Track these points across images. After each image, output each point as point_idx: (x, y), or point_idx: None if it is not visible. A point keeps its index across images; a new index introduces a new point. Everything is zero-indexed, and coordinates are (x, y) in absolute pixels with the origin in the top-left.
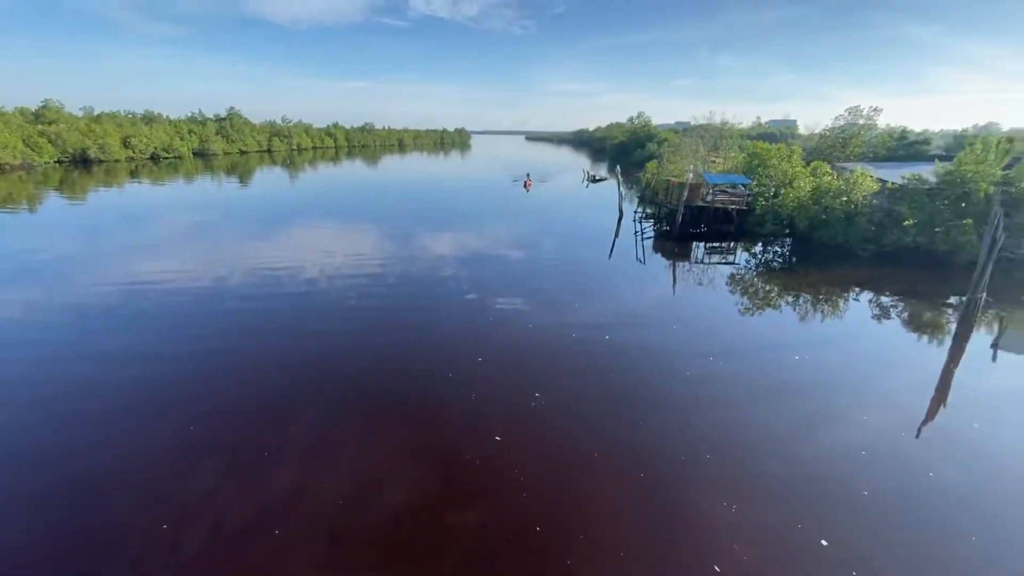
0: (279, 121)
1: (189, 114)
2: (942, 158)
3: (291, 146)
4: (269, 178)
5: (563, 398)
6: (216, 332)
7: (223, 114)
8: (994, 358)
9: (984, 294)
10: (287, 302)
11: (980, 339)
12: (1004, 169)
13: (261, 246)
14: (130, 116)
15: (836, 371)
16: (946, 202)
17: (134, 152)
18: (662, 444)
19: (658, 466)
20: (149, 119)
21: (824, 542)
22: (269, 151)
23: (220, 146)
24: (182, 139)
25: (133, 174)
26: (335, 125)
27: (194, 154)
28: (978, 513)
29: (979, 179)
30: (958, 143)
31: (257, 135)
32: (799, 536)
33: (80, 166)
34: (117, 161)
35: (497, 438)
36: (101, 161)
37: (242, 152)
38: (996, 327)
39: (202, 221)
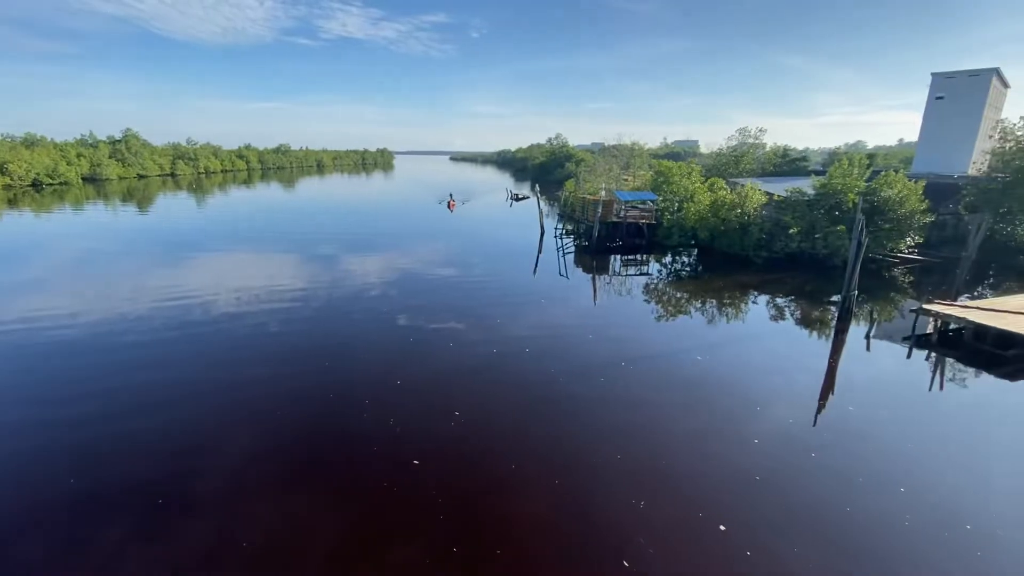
0: (184, 143)
1: (79, 136)
2: (818, 173)
3: (198, 169)
4: (172, 204)
5: (482, 415)
6: (108, 375)
7: (118, 136)
8: (868, 347)
9: (856, 292)
10: (192, 340)
11: (856, 332)
12: (867, 181)
13: (161, 279)
14: (7, 140)
15: (733, 369)
16: (822, 211)
17: (11, 179)
18: (576, 450)
19: (572, 472)
20: (30, 142)
21: (722, 527)
22: (173, 175)
23: (115, 170)
24: (69, 164)
25: (11, 203)
26: (247, 147)
27: (84, 180)
28: (850, 486)
29: (847, 190)
30: (831, 159)
31: (158, 158)
32: (699, 524)
33: None
34: None
35: (415, 462)
36: None
37: (140, 176)
38: (868, 320)
39: (89, 254)
